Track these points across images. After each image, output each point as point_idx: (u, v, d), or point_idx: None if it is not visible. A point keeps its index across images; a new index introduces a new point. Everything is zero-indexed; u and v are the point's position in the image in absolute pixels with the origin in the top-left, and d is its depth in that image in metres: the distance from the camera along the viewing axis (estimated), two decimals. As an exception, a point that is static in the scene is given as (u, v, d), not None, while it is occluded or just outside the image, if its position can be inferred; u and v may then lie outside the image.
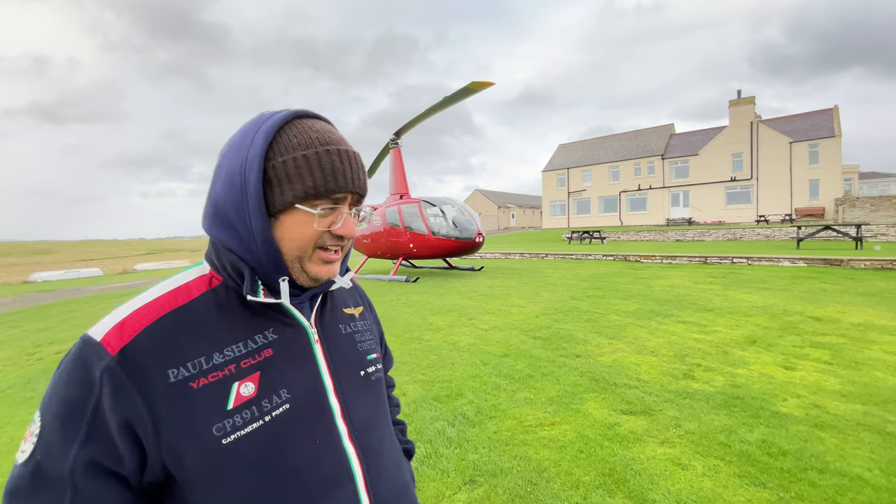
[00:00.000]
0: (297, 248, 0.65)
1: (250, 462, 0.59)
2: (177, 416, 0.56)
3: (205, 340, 0.61)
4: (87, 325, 7.31)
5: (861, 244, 13.58)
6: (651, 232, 26.65)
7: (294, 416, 0.63)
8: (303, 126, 0.65)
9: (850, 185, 34.45)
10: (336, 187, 0.64)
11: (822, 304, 6.30)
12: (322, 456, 0.65)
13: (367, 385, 0.76)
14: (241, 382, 0.61)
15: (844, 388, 3.39)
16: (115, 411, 0.54)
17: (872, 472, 2.33)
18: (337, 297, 0.82)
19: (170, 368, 0.57)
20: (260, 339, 0.65)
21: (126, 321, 0.58)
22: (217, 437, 0.57)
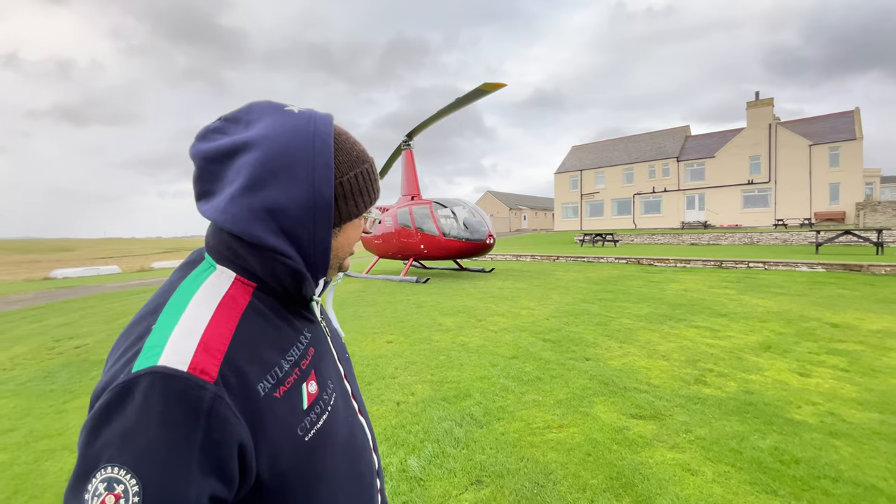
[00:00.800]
0: (344, 253, 0.74)
1: (324, 448, 0.65)
2: (270, 426, 0.56)
3: (272, 349, 0.61)
4: (106, 320, 7.48)
5: (882, 249, 13.25)
6: (665, 235, 26.32)
7: (339, 401, 0.71)
8: (345, 136, 0.71)
9: (872, 189, 33.59)
10: (371, 201, 0.73)
11: (839, 310, 6.17)
12: (354, 429, 0.74)
13: (350, 367, 0.85)
14: (307, 382, 0.65)
15: (861, 396, 3.32)
16: (226, 440, 0.51)
17: (888, 482, 2.28)
18: None
19: (259, 383, 0.56)
20: (303, 339, 0.68)
21: (205, 343, 0.54)
22: (301, 436, 0.60)
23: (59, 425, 3.33)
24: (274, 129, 0.63)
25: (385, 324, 6.22)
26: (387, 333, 5.66)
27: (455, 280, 11.06)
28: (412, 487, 2.37)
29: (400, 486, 2.39)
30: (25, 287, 15.25)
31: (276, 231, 0.63)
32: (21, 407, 3.72)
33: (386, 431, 3.00)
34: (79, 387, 4.15)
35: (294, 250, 0.64)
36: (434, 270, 13.61)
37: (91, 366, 4.80)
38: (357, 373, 4.07)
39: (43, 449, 2.98)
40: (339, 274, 0.81)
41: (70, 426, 3.31)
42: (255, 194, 0.61)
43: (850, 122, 30.34)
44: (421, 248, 11.28)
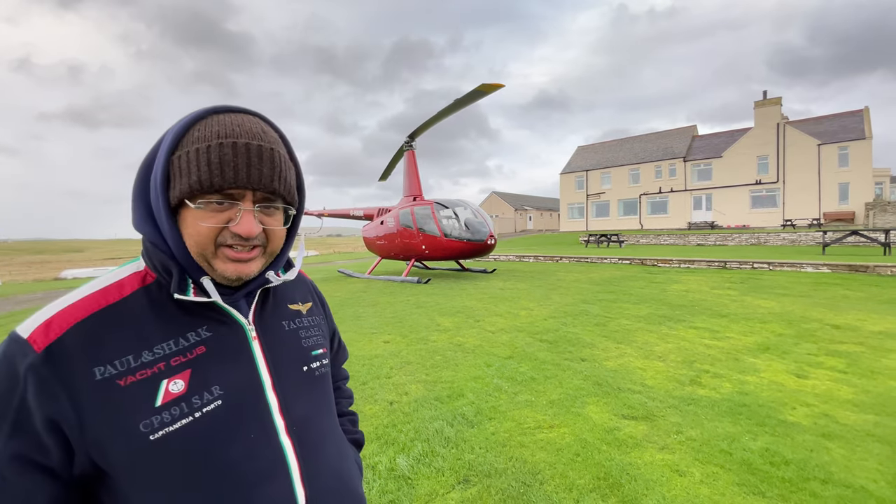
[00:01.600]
0: (195, 245, 0.64)
1: (180, 457, 0.60)
2: (102, 413, 0.56)
3: (134, 339, 0.61)
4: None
5: (889, 250, 13.07)
6: (672, 236, 26.14)
7: (227, 412, 0.63)
8: (214, 120, 0.64)
9: (882, 189, 33.13)
10: (223, 182, 0.61)
11: (842, 311, 6.10)
12: (256, 450, 0.65)
13: (310, 380, 0.77)
14: (170, 380, 0.61)
15: (857, 398, 3.29)
16: (41, 408, 0.55)
17: (878, 484, 2.26)
18: (281, 293, 0.81)
19: (96, 366, 0.57)
20: (192, 336, 0.65)
21: (54, 319, 0.58)
22: (144, 434, 0.57)
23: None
24: None
25: (384, 324, 6.25)
26: (385, 333, 5.69)
27: (456, 280, 11.07)
28: (399, 486, 2.39)
29: (388, 484, 2.40)
30: (35, 287, 15.47)
31: (149, 221, 0.66)
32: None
33: (377, 430, 3.02)
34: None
35: (161, 240, 0.65)
36: (436, 271, 13.64)
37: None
38: (352, 372, 4.09)
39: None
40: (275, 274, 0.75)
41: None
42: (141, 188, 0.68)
43: (860, 121, 29.96)
44: (422, 248, 11.31)
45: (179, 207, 0.64)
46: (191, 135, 0.63)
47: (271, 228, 0.69)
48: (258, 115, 0.69)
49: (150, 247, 0.66)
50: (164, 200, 0.64)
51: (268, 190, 0.65)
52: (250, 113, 0.69)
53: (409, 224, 11.54)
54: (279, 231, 0.71)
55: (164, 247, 0.65)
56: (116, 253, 46.22)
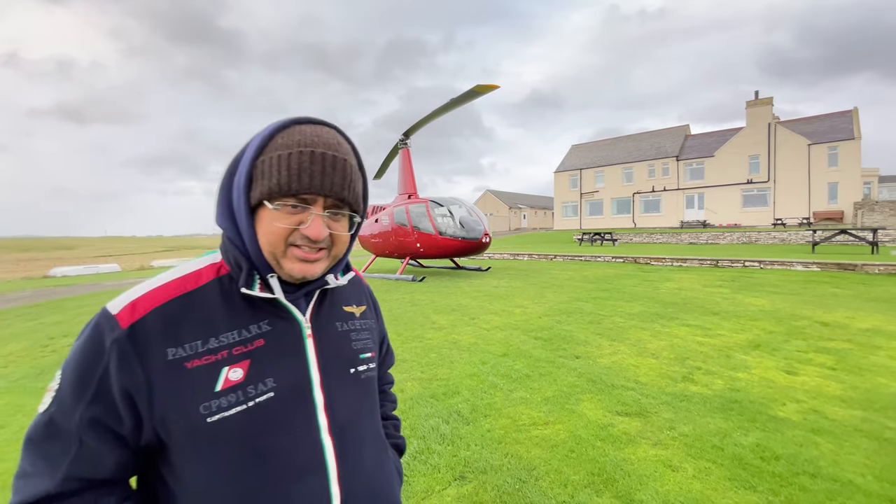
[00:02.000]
0: (268, 244, 0.69)
1: (230, 442, 0.64)
2: (170, 390, 0.62)
3: (204, 325, 0.66)
4: (101, 319, 7.52)
5: (877, 249, 13.27)
6: (664, 234, 26.33)
7: (277, 404, 0.67)
8: (296, 130, 0.69)
9: (870, 189, 33.59)
10: (299, 187, 0.66)
11: (831, 308, 6.19)
12: (298, 445, 0.68)
13: (356, 382, 0.79)
14: (230, 368, 0.65)
15: (845, 394, 3.35)
16: (119, 379, 0.61)
17: (865, 478, 2.30)
18: (338, 295, 0.85)
19: (169, 347, 0.63)
20: (254, 329, 0.69)
21: (139, 300, 0.65)
22: (203, 416, 0.62)
23: (51, 422, 3.36)
24: None
25: (379, 322, 6.24)
26: (380, 331, 5.69)
27: (451, 278, 11.09)
28: (396, 483, 2.40)
29: (384, 481, 2.42)
30: (23, 285, 15.27)
31: (230, 217, 0.72)
32: (12, 404, 3.74)
33: (373, 428, 3.03)
34: (72, 384, 4.18)
35: (238, 236, 0.71)
36: (430, 269, 13.64)
37: (85, 363, 4.83)
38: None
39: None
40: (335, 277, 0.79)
41: (61, 422, 3.34)
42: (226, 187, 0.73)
43: (849, 121, 30.34)
44: (417, 246, 11.31)
45: (257, 208, 0.69)
46: (275, 141, 0.69)
47: (337, 233, 0.73)
48: (335, 128, 0.74)
49: (228, 242, 0.72)
50: (245, 200, 0.69)
51: (338, 197, 0.70)
52: (328, 125, 0.73)
53: (404, 222, 11.53)
54: (344, 236, 0.75)
55: (239, 243, 0.71)
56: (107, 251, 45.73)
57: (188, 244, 56.84)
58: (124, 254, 39.54)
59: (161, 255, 34.73)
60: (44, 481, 0.61)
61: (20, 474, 0.64)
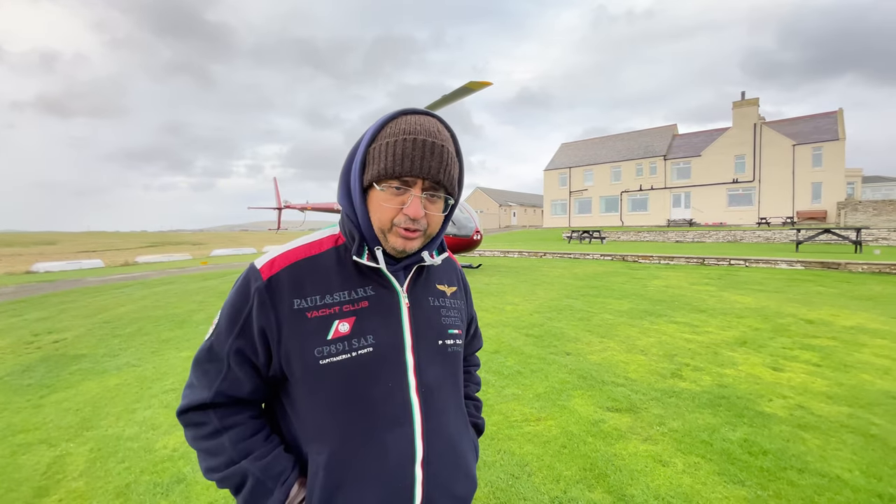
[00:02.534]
0: (378, 221, 0.79)
1: (336, 384, 0.76)
2: (293, 333, 0.76)
3: (322, 284, 0.80)
4: (86, 315, 7.37)
5: (860, 248, 13.57)
6: (651, 233, 26.61)
7: (375, 358, 0.78)
8: (403, 119, 0.78)
9: (853, 189, 34.31)
10: (401, 170, 0.75)
11: (815, 306, 6.32)
12: (390, 397, 0.79)
13: (442, 353, 0.88)
14: (340, 321, 0.78)
15: (831, 390, 3.41)
16: (258, 319, 0.77)
17: (852, 473, 2.35)
18: (433, 273, 0.94)
19: (295, 298, 0.77)
20: (361, 292, 0.81)
21: (276, 259, 0.81)
22: (316, 358, 0.76)
23: (37, 420, 3.28)
24: None
25: (370, 319, 6.22)
26: (371, 328, 5.67)
27: (442, 276, 11.06)
28: (389, 480, 2.39)
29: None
30: (6, 281, 14.92)
31: (347, 196, 0.84)
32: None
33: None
34: (56, 381, 4.09)
35: (353, 212, 0.83)
36: (422, 266, 13.62)
37: (69, 360, 4.73)
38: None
39: (20, 443, 2.94)
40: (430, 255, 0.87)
41: (47, 420, 3.26)
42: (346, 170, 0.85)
43: (834, 122, 30.91)
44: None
45: (369, 189, 0.80)
46: (385, 131, 0.78)
47: (432, 213, 0.81)
48: (437, 118, 0.82)
49: (345, 217, 0.84)
50: (359, 182, 0.80)
51: (434, 180, 0.77)
52: (431, 115, 0.81)
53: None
54: (438, 217, 0.83)
55: (354, 218, 0.83)
56: (89, 245, 44.83)
57: (173, 240, 56.00)
58: (108, 249, 38.78)
59: (146, 251, 34.16)
60: (203, 392, 0.80)
61: (188, 385, 0.83)
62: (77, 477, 2.51)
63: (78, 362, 4.65)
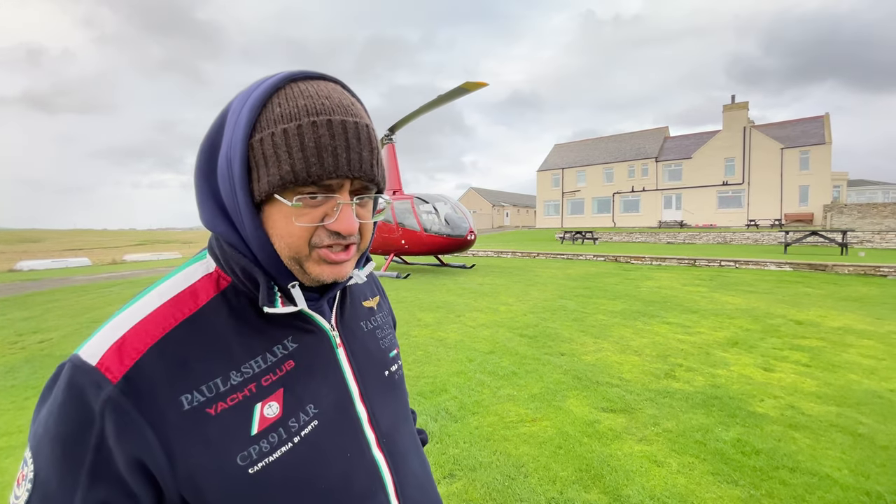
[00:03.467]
0: (287, 248, 0.54)
1: (283, 488, 0.53)
2: (194, 448, 0.49)
3: (219, 358, 0.52)
4: (72, 315, 7.24)
5: (846, 250, 13.81)
6: (643, 234, 26.84)
7: (323, 431, 0.57)
8: (295, 91, 0.53)
9: (839, 192, 34.91)
10: (322, 171, 0.50)
11: (804, 307, 6.41)
12: (353, 469, 0.59)
13: (391, 385, 0.70)
14: (264, 403, 0.53)
15: (820, 390, 3.46)
16: (123, 448, 0.46)
17: (842, 472, 2.38)
18: (355, 290, 0.74)
19: (183, 394, 0.49)
20: (279, 350, 0.57)
21: (126, 339, 0.49)
22: (243, 468, 0.50)
23: (21, 422, 3.22)
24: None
25: (363, 319, 6.19)
26: (365, 328, 5.64)
27: (436, 276, 11.07)
28: (384, 481, 2.38)
29: (372, 480, 2.39)
30: (-12, 279, 14.62)
31: (225, 217, 0.56)
32: (-20, 403, 3.58)
33: (360, 426, 3.00)
34: (41, 382, 4.01)
35: (240, 241, 0.55)
36: (415, 266, 13.60)
37: (55, 361, 4.64)
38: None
39: (2, 446, 2.88)
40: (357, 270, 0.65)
41: (32, 423, 3.20)
42: (206, 177, 0.57)
43: (821, 126, 31.44)
44: (402, 243, 11.25)
45: (263, 203, 0.54)
46: (270, 111, 0.52)
47: (366, 222, 0.59)
48: (340, 83, 0.58)
49: (228, 249, 0.56)
50: (246, 195, 0.52)
51: (368, 177, 0.54)
52: (330, 79, 0.57)
53: (389, 218, 11.45)
54: (370, 224, 0.61)
55: (244, 249, 0.55)
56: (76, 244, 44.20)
57: (162, 238, 55.34)
58: (95, 247, 38.25)
59: (134, 250, 33.72)
60: None
61: None
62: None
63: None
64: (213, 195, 0.56)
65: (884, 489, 2.22)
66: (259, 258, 0.55)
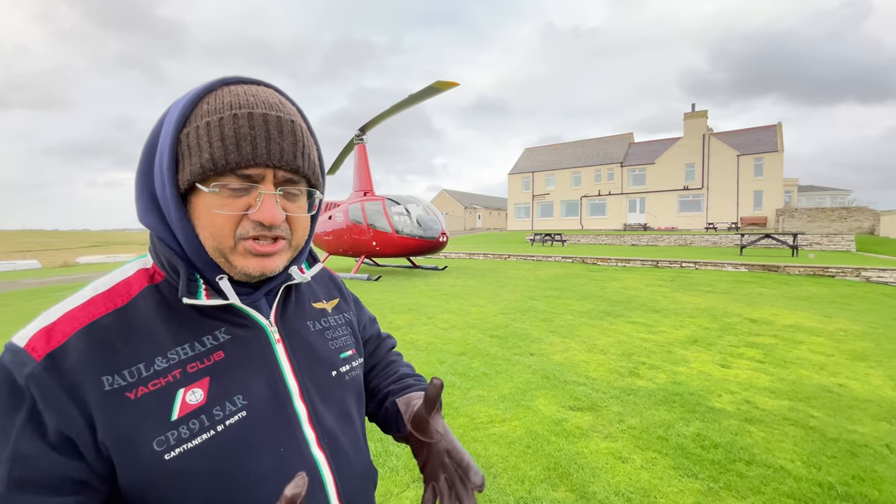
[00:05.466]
0: (211, 238, 0.55)
1: (201, 477, 0.52)
2: (112, 429, 0.49)
3: (145, 344, 0.53)
4: (21, 320, 6.80)
5: (797, 252, 14.60)
6: (609, 236, 27.57)
7: (252, 424, 0.56)
8: (225, 91, 0.56)
9: (790, 197, 36.92)
10: (240, 159, 0.52)
11: (758, 306, 6.73)
12: (288, 465, 0.58)
13: (339, 386, 0.69)
14: (187, 389, 0.53)
15: (773, 385, 3.64)
16: (51, 422, 0.47)
17: (795, 464, 2.51)
18: (305, 291, 0.74)
19: (104, 375, 0.50)
20: (209, 340, 0.57)
21: (56, 325, 0.51)
22: (159, 453, 0.50)
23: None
24: None
25: (332, 322, 6.09)
26: (334, 331, 5.55)
27: (407, 278, 11.02)
28: (353, 487, 2.34)
29: (340, 485, 2.35)
30: (-78, 283, 13.56)
31: (156, 212, 0.58)
32: None
33: (328, 431, 2.94)
34: (-17, 393, 3.75)
35: (168, 233, 0.58)
36: (386, 268, 13.49)
37: None
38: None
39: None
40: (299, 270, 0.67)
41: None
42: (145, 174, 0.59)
43: (773, 135, 33.18)
44: (373, 245, 11.14)
45: (189, 195, 0.56)
46: (199, 109, 0.55)
47: (295, 216, 0.60)
48: (274, 88, 0.61)
49: (158, 242, 0.58)
50: (172, 186, 0.54)
51: (290, 168, 0.56)
52: (265, 84, 0.60)
53: (360, 220, 11.32)
54: (304, 219, 0.62)
55: (171, 241, 0.57)
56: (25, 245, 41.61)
57: (118, 239, 52.79)
58: (46, 249, 36.10)
59: (88, 251, 32.01)
60: None
61: None
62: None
63: (9, 372, 4.29)
64: (149, 192, 0.58)
65: (834, 480, 2.34)
66: (185, 249, 0.57)
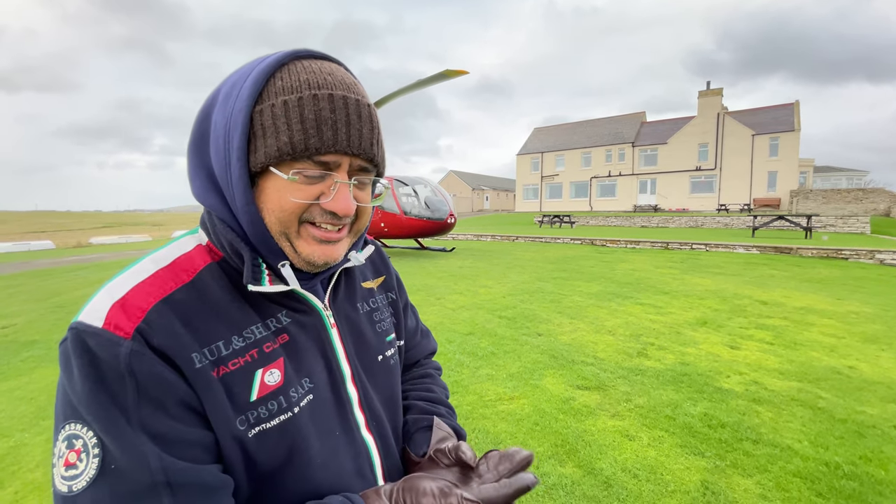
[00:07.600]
0: (278, 223, 0.52)
1: (273, 457, 0.52)
2: (207, 406, 0.48)
3: (221, 321, 0.51)
4: (36, 300, 6.96)
5: (810, 234, 14.38)
6: (618, 218, 27.31)
7: (317, 407, 0.57)
8: (298, 67, 0.52)
9: (805, 178, 36.16)
10: (321, 145, 0.50)
11: (769, 288, 6.68)
12: (343, 448, 0.59)
13: (385, 370, 0.70)
14: (265, 370, 0.52)
15: (783, 367, 3.63)
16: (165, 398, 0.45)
17: (802, 444, 2.52)
18: (355, 270, 0.73)
19: (193, 353, 0.48)
20: (273, 322, 0.56)
21: (127, 299, 0.47)
22: (242, 431, 0.50)
23: (-16, 409, 3.10)
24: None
25: (342, 302, 6.16)
26: (343, 311, 5.61)
27: (416, 259, 11.05)
28: (365, 461, 2.40)
29: (352, 459, 2.41)
30: (-58, 263, 13.87)
31: (217, 191, 0.55)
32: (-62, 391, 3.43)
33: (340, 407, 3.01)
34: (7, 369, 3.87)
35: (231, 215, 0.54)
36: (395, 249, 13.53)
37: (21, 347, 4.47)
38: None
39: (-35, 434, 2.78)
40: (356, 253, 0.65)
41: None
42: (199, 149, 0.56)
43: (790, 114, 32.31)
44: (381, 226, 11.16)
45: (257, 177, 0.52)
46: (273, 84, 0.51)
47: (364, 205, 0.58)
48: (343, 65, 0.57)
49: (219, 223, 0.54)
50: (244, 167, 0.51)
51: (367, 156, 0.54)
52: (336, 61, 0.56)
53: (367, 201, 11.30)
54: (369, 208, 0.60)
55: (234, 224, 0.54)
56: (39, 226, 42.26)
57: (129, 220, 53.38)
58: (58, 230, 36.63)
59: (100, 232, 32.43)
60: None
61: None
62: (34, 468, 2.40)
63: (30, 349, 4.41)
64: (206, 168, 0.55)
65: (841, 459, 2.36)
66: (249, 234, 0.53)
